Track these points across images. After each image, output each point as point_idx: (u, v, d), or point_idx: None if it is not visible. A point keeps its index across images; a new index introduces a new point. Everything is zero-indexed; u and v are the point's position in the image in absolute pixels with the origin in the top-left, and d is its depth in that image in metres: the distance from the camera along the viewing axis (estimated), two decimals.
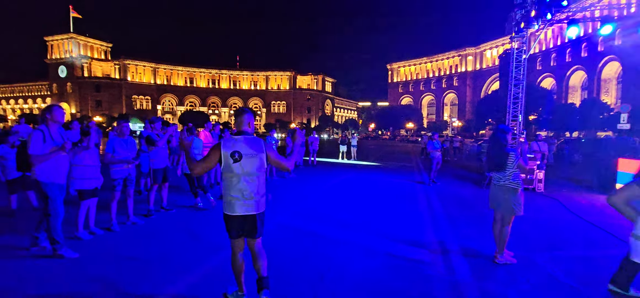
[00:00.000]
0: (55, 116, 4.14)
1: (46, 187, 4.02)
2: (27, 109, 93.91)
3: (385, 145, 45.94)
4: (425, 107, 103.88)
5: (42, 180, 4.00)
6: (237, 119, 3.13)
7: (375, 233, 5.45)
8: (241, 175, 2.95)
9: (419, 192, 9.58)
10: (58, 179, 4.12)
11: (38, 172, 3.98)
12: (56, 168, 4.08)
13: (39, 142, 3.91)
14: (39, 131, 3.97)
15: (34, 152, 3.88)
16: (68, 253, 4.14)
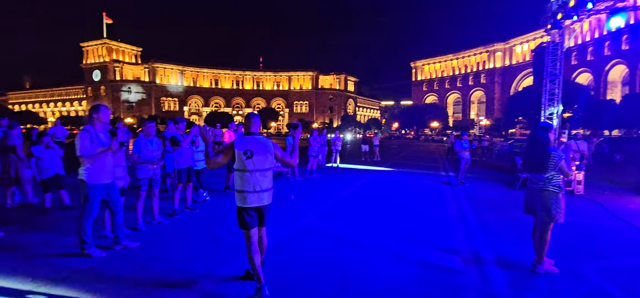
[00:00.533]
0: (101, 116, 4.17)
1: (89, 188, 4.06)
2: (64, 111, 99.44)
3: (409, 144, 45.03)
4: (451, 106, 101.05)
5: (88, 181, 4.04)
6: (247, 122, 3.44)
7: (402, 238, 5.21)
8: (253, 170, 3.27)
9: (446, 193, 9.19)
10: (103, 180, 4.16)
11: (85, 172, 4.02)
12: (101, 169, 4.11)
13: (87, 142, 3.94)
14: (85, 131, 3.99)
15: (83, 153, 3.90)
16: (96, 252, 4.19)
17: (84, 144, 3.93)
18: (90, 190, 4.07)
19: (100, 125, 4.16)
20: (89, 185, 4.05)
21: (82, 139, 3.93)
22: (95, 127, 4.10)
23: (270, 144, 3.39)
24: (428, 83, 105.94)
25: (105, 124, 4.23)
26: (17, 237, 4.90)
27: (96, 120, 4.12)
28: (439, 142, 51.66)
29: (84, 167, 4.00)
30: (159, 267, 3.97)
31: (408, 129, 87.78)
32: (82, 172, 4.03)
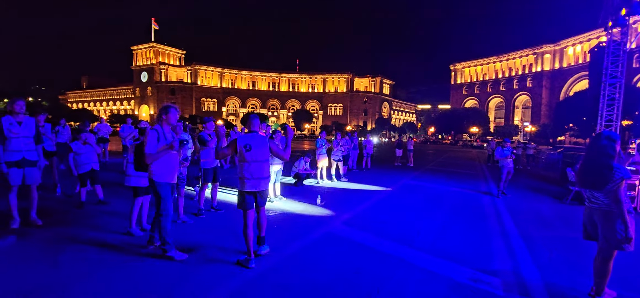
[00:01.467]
0: (170, 117, 4.20)
1: (160, 187, 4.09)
2: (115, 110, 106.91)
3: (446, 150, 43.20)
4: (492, 110, 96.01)
5: (157, 180, 4.07)
6: (247, 122, 4.23)
7: (436, 252, 4.77)
8: (251, 161, 4.04)
9: (486, 204, 8.49)
10: (170, 179, 4.19)
11: (153, 171, 4.06)
12: (168, 167, 4.15)
13: (154, 141, 3.99)
14: (154, 131, 4.05)
15: (149, 151, 3.95)
16: (178, 255, 4.12)
17: (151, 142, 3.97)
18: (162, 189, 4.08)
19: (168, 125, 4.20)
20: (159, 184, 4.08)
21: (151, 137, 3.99)
22: (163, 127, 4.14)
23: (267, 140, 4.18)
24: (468, 86, 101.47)
25: (173, 125, 4.27)
26: (53, 230, 5.09)
27: (165, 120, 4.16)
28: (479, 148, 49.13)
29: (149, 165, 4.04)
30: (178, 269, 3.89)
31: (445, 133, 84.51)
32: (151, 172, 4.06)
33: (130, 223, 4.94)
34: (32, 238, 4.69)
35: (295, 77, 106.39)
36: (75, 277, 3.61)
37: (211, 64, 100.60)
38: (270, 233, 5.26)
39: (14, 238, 4.19)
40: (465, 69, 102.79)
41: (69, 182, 7.81)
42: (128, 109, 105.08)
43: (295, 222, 6.14)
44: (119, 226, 5.27)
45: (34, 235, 4.81)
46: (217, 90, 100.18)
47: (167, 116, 4.17)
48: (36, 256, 4.11)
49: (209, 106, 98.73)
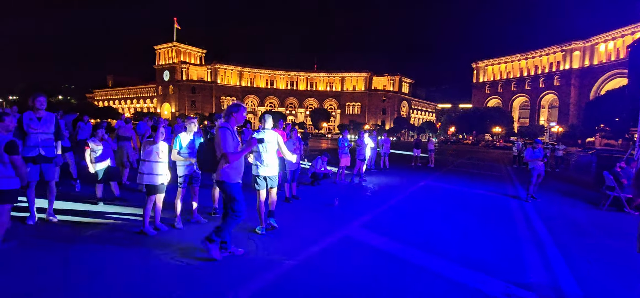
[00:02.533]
0: (239, 116, 4.09)
1: (231, 187, 3.99)
2: (139, 108, 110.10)
3: (467, 150, 41.96)
4: (517, 110, 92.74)
5: (228, 181, 3.95)
6: (262, 120, 5.18)
7: (462, 261, 4.42)
8: (262, 152, 4.94)
9: (514, 209, 7.99)
10: (240, 178, 4.10)
11: (222, 172, 3.94)
12: (237, 168, 4.03)
13: (230, 140, 3.88)
14: (225, 129, 3.93)
15: (228, 150, 3.84)
16: (217, 254, 4.02)
17: (227, 141, 3.85)
18: (234, 190, 3.98)
19: (235, 124, 4.09)
20: (230, 185, 3.97)
21: (225, 136, 3.87)
22: (231, 125, 4.03)
23: (277, 135, 5.10)
24: (491, 85, 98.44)
25: (239, 123, 4.15)
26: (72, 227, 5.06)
27: (232, 116, 4.05)
28: (503, 149, 47.49)
29: (222, 167, 3.92)
30: (189, 272, 3.72)
31: (466, 133, 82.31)
32: (221, 173, 3.94)
33: (143, 222, 4.83)
34: (48, 235, 4.66)
35: (313, 76, 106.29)
36: (84, 275, 3.51)
37: (230, 62, 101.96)
38: (286, 235, 5.06)
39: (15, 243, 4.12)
40: (488, 67, 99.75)
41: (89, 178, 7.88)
42: (150, 106, 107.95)
43: (311, 224, 5.91)
44: (134, 224, 5.19)
45: (50, 231, 4.78)
46: (236, 89, 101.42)
47: (237, 115, 4.06)
48: (49, 253, 4.05)
49: (228, 104, 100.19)
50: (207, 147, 4.08)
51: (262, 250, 4.45)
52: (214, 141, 4.00)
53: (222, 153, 3.86)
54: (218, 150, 3.92)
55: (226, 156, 3.82)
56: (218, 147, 3.90)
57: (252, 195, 5.20)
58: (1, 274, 3.46)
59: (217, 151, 3.93)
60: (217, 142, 3.90)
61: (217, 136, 3.91)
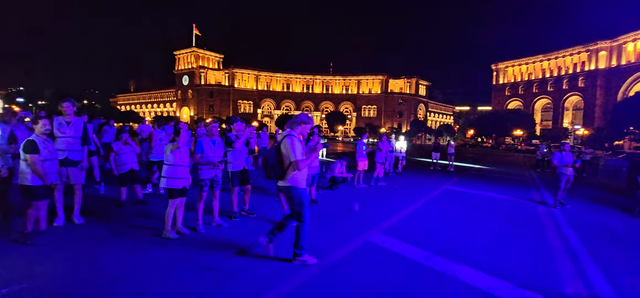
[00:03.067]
0: (305, 130, 4.19)
1: (299, 193, 4.04)
2: (159, 112, 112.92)
3: (487, 154, 40.86)
4: (539, 112, 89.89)
5: (298, 186, 4.01)
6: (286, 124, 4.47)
7: (493, 271, 4.21)
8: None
9: (542, 216, 7.66)
10: (306, 184, 4.17)
11: (292, 179, 4.00)
12: (305, 174, 4.11)
13: (299, 147, 3.96)
14: (293, 136, 4.02)
15: (298, 158, 3.92)
16: (310, 259, 4.11)
17: (297, 148, 3.94)
18: (303, 195, 4.06)
19: (300, 133, 4.16)
20: (299, 190, 4.04)
21: (294, 144, 3.95)
22: (296, 133, 4.10)
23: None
24: (511, 87, 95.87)
25: (304, 135, 4.23)
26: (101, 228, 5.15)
27: (300, 126, 4.14)
28: (524, 153, 46.03)
29: (292, 173, 3.98)
30: (212, 278, 3.69)
31: (485, 136, 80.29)
32: (291, 179, 4.00)
33: (165, 225, 4.86)
34: (74, 237, 4.75)
35: (329, 79, 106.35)
36: (109, 278, 3.53)
37: (247, 67, 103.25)
38: (307, 240, 4.97)
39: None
40: (509, 68, 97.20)
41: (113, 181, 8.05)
42: (170, 111, 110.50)
43: (331, 229, 5.81)
44: (156, 227, 5.23)
45: (76, 233, 4.87)
46: (253, 93, 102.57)
47: (306, 127, 4.18)
48: (75, 256, 4.11)
49: (245, 108, 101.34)
50: (275, 155, 4.11)
51: (283, 256, 4.38)
52: (280, 149, 4.06)
53: (291, 161, 3.92)
54: (287, 158, 3.97)
55: (296, 163, 3.90)
56: (287, 155, 3.96)
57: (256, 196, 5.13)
58: (30, 276, 3.53)
59: (286, 159, 3.98)
60: (286, 149, 3.96)
61: (286, 144, 3.97)
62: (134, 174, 6.56)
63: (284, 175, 4.03)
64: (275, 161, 4.07)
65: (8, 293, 3.17)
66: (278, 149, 4.09)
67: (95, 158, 8.09)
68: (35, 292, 3.22)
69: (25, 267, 3.73)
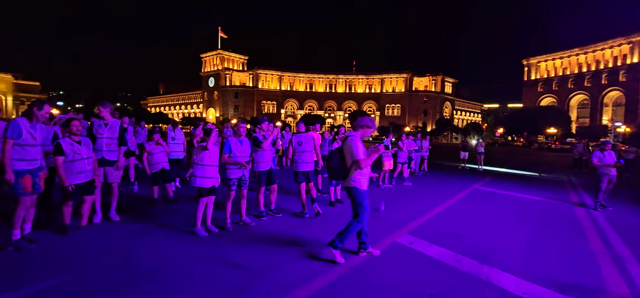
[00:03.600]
0: (367, 134, 4.26)
1: (361, 193, 4.16)
2: (186, 113, 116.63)
3: (518, 153, 39.16)
4: (574, 109, 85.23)
5: (359, 187, 4.13)
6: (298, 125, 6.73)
7: (529, 275, 4.01)
8: (301, 152, 6.38)
9: (581, 218, 7.22)
10: (367, 185, 4.26)
11: (354, 179, 4.11)
12: (366, 175, 4.20)
13: (361, 148, 4.07)
14: (356, 137, 4.14)
15: (361, 157, 4.02)
16: (339, 258, 4.17)
17: (360, 149, 4.04)
18: (363, 196, 4.17)
19: (362, 136, 4.23)
20: (361, 190, 4.15)
21: (357, 144, 4.06)
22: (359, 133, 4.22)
23: (312, 137, 6.53)
24: (544, 83, 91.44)
25: (365, 138, 4.29)
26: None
27: (362, 129, 4.22)
28: (559, 152, 43.75)
29: (354, 173, 4.10)
30: (238, 276, 3.74)
31: (516, 135, 77.02)
32: (353, 180, 4.12)
33: (195, 223, 4.99)
34: (110, 233, 4.97)
35: (352, 78, 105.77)
36: (144, 275, 3.66)
37: (271, 67, 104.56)
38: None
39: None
40: (541, 63, 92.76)
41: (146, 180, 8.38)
42: (197, 112, 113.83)
43: None
44: (187, 225, 5.38)
45: (113, 231, 5.10)
46: (276, 93, 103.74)
47: (369, 131, 4.23)
48: (113, 253, 4.30)
49: (269, 108, 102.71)
50: (337, 156, 4.25)
51: (308, 257, 4.38)
52: (342, 150, 4.18)
53: (354, 160, 4.02)
54: (349, 158, 4.10)
55: (359, 163, 3.99)
56: (349, 155, 4.07)
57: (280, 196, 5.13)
58: (68, 271, 3.72)
59: (348, 159, 4.10)
60: (349, 150, 4.07)
61: (348, 144, 4.09)
62: (165, 173, 6.79)
63: (346, 175, 4.13)
64: (338, 162, 4.19)
65: (47, 287, 3.35)
66: (340, 150, 4.22)
67: (133, 159, 8.46)
68: (72, 286, 3.39)
69: (64, 261, 3.94)
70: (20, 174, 4.14)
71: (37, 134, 4.30)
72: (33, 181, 4.27)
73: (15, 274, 3.59)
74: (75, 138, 4.67)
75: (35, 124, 4.31)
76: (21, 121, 4.18)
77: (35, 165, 4.30)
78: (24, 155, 4.17)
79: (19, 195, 4.16)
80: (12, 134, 4.09)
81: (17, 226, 4.22)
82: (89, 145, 4.91)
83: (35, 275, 3.57)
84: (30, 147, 4.22)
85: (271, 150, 6.15)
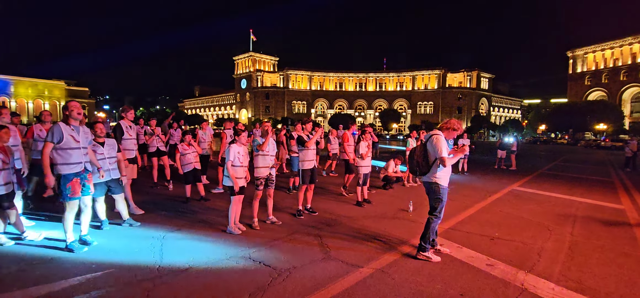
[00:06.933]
0: (451, 136, 4.33)
1: (441, 189, 4.29)
2: (220, 114, 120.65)
3: (562, 151, 36.61)
4: (627, 103, 78.33)
5: (439, 183, 4.28)
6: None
7: (564, 280, 3.74)
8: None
9: (635, 224, 6.61)
10: (448, 183, 4.39)
11: (437, 175, 4.27)
12: (449, 172, 4.36)
13: (446, 146, 4.22)
14: (441, 136, 4.25)
15: (445, 155, 4.17)
16: (434, 257, 4.26)
17: (444, 146, 4.18)
18: (444, 192, 4.31)
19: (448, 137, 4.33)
20: (442, 187, 4.30)
21: (442, 142, 4.19)
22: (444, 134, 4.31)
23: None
24: (592, 75, 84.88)
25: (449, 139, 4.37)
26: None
27: (448, 129, 4.31)
28: (611, 149, 40.48)
29: (437, 170, 4.25)
30: (264, 274, 3.80)
31: (560, 132, 72.14)
32: (436, 176, 4.27)
33: (229, 222, 5.15)
34: (144, 229, 5.24)
35: (382, 77, 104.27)
36: (176, 271, 3.82)
37: (301, 68, 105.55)
38: (361, 241, 4.90)
39: None
40: (589, 54, 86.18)
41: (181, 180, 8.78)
42: (230, 113, 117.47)
43: (385, 230, 5.64)
44: (216, 222, 5.56)
45: (146, 226, 5.38)
46: (306, 93, 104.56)
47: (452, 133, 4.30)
48: (146, 249, 4.53)
49: (299, 108, 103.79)
50: (420, 152, 4.40)
51: (334, 257, 4.36)
52: (426, 146, 4.33)
53: (438, 157, 4.17)
54: (432, 155, 4.24)
55: (443, 160, 4.13)
56: (434, 152, 4.21)
57: None
58: (105, 266, 3.96)
59: (431, 155, 4.26)
60: (433, 147, 4.21)
61: (432, 142, 4.23)
62: (196, 173, 7.05)
63: (428, 171, 4.29)
64: (421, 158, 4.33)
65: (85, 280, 3.59)
66: (424, 146, 4.34)
67: (166, 158, 8.88)
68: (109, 279, 3.61)
69: (101, 256, 4.21)
70: (67, 178, 4.16)
71: (80, 137, 4.29)
72: (82, 184, 4.32)
73: (59, 266, 3.89)
74: (99, 140, 4.95)
75: (78, 127, 4.29)
76: (62, 125, 4.16)
77: (82, 169, 4.30)
78: (67, 159, 4.17)
79: (67, 199, 4.21)
80: (52, 137, 4.06)
81: (69, 231, 4.27)
82: (112, 146, 5.17)
83: (78, 267, 3.84)
84: (72, 150, 4.19)
85: (314, 149, 6.30)
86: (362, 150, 7.22)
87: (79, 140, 4.27)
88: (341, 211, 6.72)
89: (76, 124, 4.28)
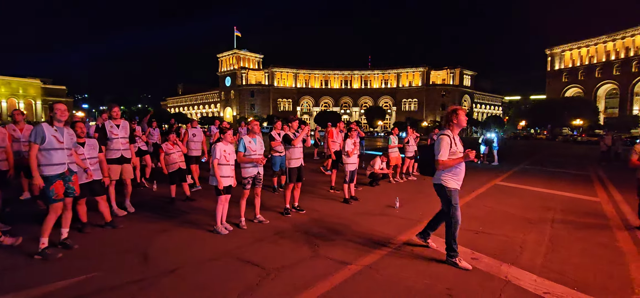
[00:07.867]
0: (461, 120, 4.05)
1: (446, 192, 4.04)
2: (204, 113, 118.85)
3: (541, 146, 37.78)
4: (602, 99, 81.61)
5: (450, 186, 4.02)
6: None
7: (547, 272, 3.86)
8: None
9: (610, 216, 6.88)
10: (457, 184, 4.08)
11: (444, 178, 4.03)
12: (457, 174, 4.04)
13: (447, 147, 3.93)
14: (446, 136, 3.97)
15: (441, 158, 3.94)
16: (463, 264, 4.00)
17: (445, 148, 3.92)
18: (454, 196, 4.03)
19: (457, 128, 4.08)
20: (451, 190, 4.02)
21: (442, 144, 3.94)
22: (452, 131, 4.05)
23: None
24: (569, 72, 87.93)
25: (461, 128, 4.12)
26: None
27: (455, 124, 4.05)
28: (587, 144, 42.03)
29: (442, 172, 4.03)
30: (255, 274, 3.77)
31: (539, 127, 74.45)
32: (441, 178, 4.04)
33: (216, 221, 5.08)
34: (131, 232, 5.12)
35: (367, 74, 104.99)
36: (163, 272, 3.74)
37: (286, 65, 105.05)
38: (348, 238, 4.92)
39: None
40: (566, 52, 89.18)
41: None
42: (215, 111, 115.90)
43: (372, 227, 5.68)
44: (203, 222, 5.48)
45: (133, 229, 5.25)
46: (292, 91, 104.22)
47: (458, 119, 4.03)
48: (133, 250, 4.42)
49: (285, 106, 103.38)
50: (428, 153, 4.24)
51: (323, 255, 4.37)
52: (433, 146, 4.11)
53: (435, 159, 3.99)
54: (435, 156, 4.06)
55: (437, 162, 3.97)
56: (435, 153, 4.02)
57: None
58: (92, 269, 3.84)
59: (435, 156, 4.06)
60: (436, 148, 4.01)
61: (436, 143, 4.03)
62: (182, 172, 6.93)
63: (434, 172, 4.13)
64: (429, 158, 4.19)
65: (72, 284, 3.48)
66: (432, 146, 4.16)
67: (148, 157, 8.69)
68: (96, 282, 3.51)
69: (86, 259, 4.09)
70: (50, 180, 4.04)
71: (64, 138, 4.17)
72: (65, 186, 4.20)
73: (40, 271, 3.75)
74: (79, 140, 4.77)
75: (61, 128, 4.17)
76: (45, 126, 4.07)
77: (65, 169, 4.17)
78: (50, 160, 4.05)
79: (51, 201, 4.08)
80: (36, 138, 3.97)
81: (45, 234, 4.11)
82: (93, 146, 5.03)
83: (59, 272, 3.72)
84: (55, 151, 4.08)
85: (301, 147, 6.27)
86: (348, 148, 7.23)
87: (63, 141, 4.16)
88: (329, 209, 6.73)
89: (60, 125, 4.18)
